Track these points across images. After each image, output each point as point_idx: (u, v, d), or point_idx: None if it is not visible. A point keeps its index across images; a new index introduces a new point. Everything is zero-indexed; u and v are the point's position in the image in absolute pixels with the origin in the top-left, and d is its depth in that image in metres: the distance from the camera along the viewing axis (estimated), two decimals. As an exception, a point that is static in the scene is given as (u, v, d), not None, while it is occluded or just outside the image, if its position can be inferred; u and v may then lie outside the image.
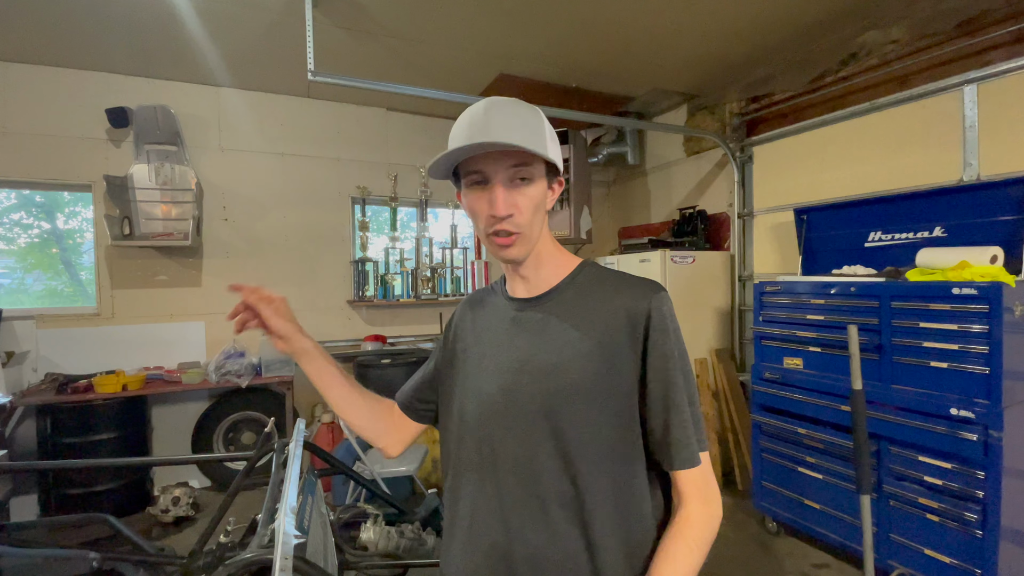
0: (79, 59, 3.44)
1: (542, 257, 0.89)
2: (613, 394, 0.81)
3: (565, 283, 0.89)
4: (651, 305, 0.82)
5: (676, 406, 0.80)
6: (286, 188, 4.18)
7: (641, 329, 0.81)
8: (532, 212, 0.82)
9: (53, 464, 2.68)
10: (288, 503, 1.11)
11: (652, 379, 0.81)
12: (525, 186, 0.81)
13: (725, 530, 3.08)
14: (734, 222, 3.97)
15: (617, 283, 0.86)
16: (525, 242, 0.83)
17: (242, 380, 3.46)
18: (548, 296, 0.88)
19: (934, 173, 2.82)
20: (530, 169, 0.81)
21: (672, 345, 0.82)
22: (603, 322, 0.82)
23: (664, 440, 0.81)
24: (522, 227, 0.81)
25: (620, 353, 0.81)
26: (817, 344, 2.72)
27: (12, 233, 3.78)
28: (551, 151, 0.82)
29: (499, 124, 0.77)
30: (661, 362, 0.81)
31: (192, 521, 3.23)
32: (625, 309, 0.82)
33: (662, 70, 3.73)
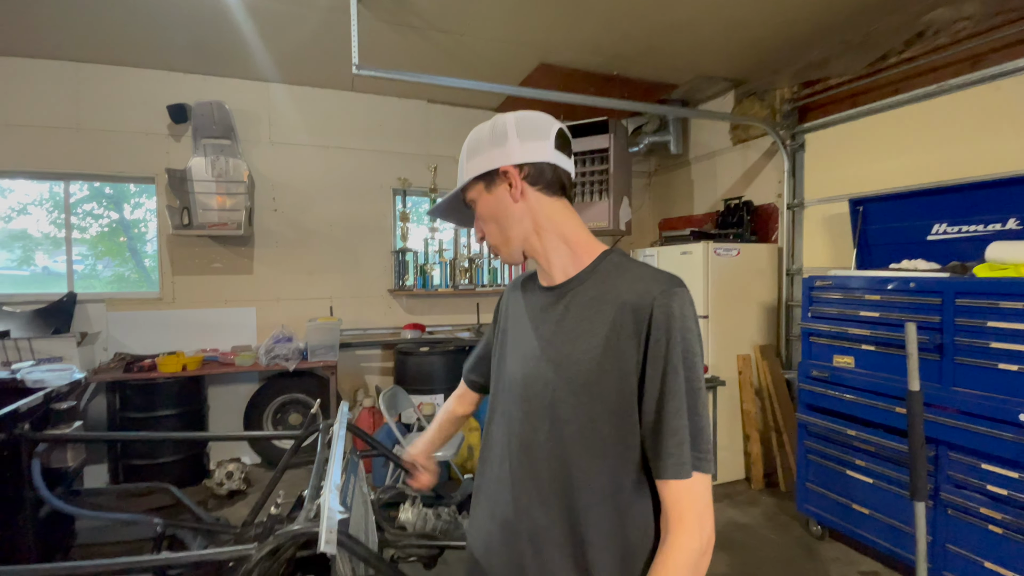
0: (143, 58, 3.65)
1: (549, 248, 0.90)
2: (614, 392, 0.79)
3: (585, 273, 0.87)
4: (655, 303, 0.77)
5: (669, 413, 0.76)
6: (331, 180, 4.31)
7: (643, 326, 0.77)
8: (490, 225, 0.92)
9: (123, 436, 2.90)
10: (333, 480, 1.16)
11: (648, 382, 0.77)
12: (475, 210, 0.94)
13: (767, 531, 3.00)
14: (783, 213, 3.82)
15: (632, 275, 0.83)
16: (502, 249, 0.94)
17: (290, 364, 3.62)
18: (567, 286, 0.88)
19: (1009, 160, 2.61)
20: (468, 196, 0.94)
21: (674, 346, 0.76)
22: (612, 317, 0.80)
23: (654, 445, 0.77)
24: (492, 242, 0.94)
25: (624, 350, 0.78)
26: (871, 342, 2.59)
27: (85, 223, 4.07)
28: (467, 171, 0.90)
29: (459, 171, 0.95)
30: (659, 365, 0.77)
31: (243, 495, 3.42)
32: (632, 303, 0.79)
33: (708, 55, 3.60)
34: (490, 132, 0.90)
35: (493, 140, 0.89)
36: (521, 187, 0.87)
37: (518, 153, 0.87)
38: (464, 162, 0.92)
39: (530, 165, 0.87)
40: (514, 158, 0.87)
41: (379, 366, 4.49)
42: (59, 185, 3.87)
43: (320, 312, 4.22)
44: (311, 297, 4.27)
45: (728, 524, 3.06)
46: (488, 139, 0.89)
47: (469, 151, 0.91)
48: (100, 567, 1.20)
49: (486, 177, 0.89)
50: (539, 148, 0.87)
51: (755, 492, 3.52)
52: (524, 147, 0.87)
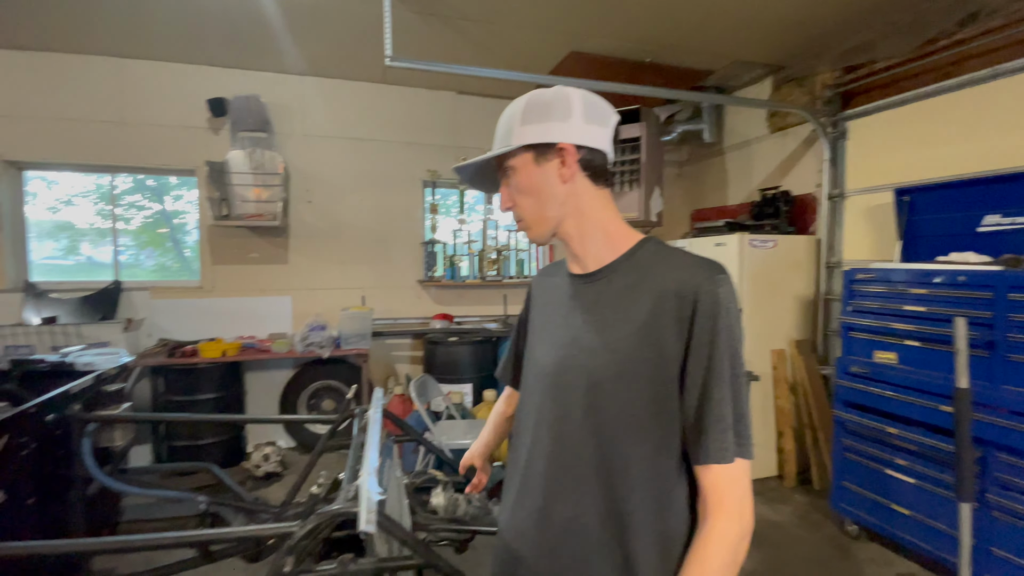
0: (184, 54, 3.76)
1: (586, 234, 0.87)
2: (654, 378, 0.78)
3: (620, 260, 0.86)
4: (701, 287, 0.76)
5: (715, 400, 0.76)
6: (362, 172, 4.37)
7: (688, 312, 0.77)
8: (524, 198, 0.87)
9: (169, 417, 3.03)
10: (371, 463, 1.19)
11: (692, 366, 0.77)
12: (511, 179, 0.88)
13: (800, 530, 2.94)
14: (822, 204, 3.69)
15: (673, 262, 0.82)
16: (531, 227, 0.89)
17: (323, 351, 3.72)
18: (601, 274, 0.87)
19: (1070, 148, 2.46)
20: (509, 162, 0.87)
21: (720, 332, 0.76)
22: (652, 303, 0.79)
23: (696, 430, 0.77)
24: (521, 215, 0.89)
25: (666, 337, 0.77)
26: (915, 338, 2.50)
27: (128, 214, 4.24)
28: (520, 136, 0.84)
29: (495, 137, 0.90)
30: (704, 351, 0.76)
31: (279, 477, 3.54)
32: (674, 291, 0.78)
33: (745, 40, 3.49)
34: (552, 102, 0.84)
35: (555, 112, 0.83)
36: (573, 169, 0.84)
37: (579, 133, 0.83)
38: (515, 125, 0.85)
39: (587, 149, 0.84)
40: (574, 137, 0.83)
41: (409, 355, 4.56)
42: (104, 177, 4.04)
43: (352, 302, 4.30)
44: (344, 287, 4.35)
45: (759, 521, 2.97)
46: (549, 109, 0.84)
47: (525, 115, 0.84)
48: (149, 540, 1.27)
49: (539, 148, 0.84)
50: (599, 134, 0.85)
51: (787, 489, 3.45)
52: (586, 129, 0.83)
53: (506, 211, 0.91)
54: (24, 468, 1.84)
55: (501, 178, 0.92)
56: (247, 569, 2.39)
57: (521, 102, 0.86)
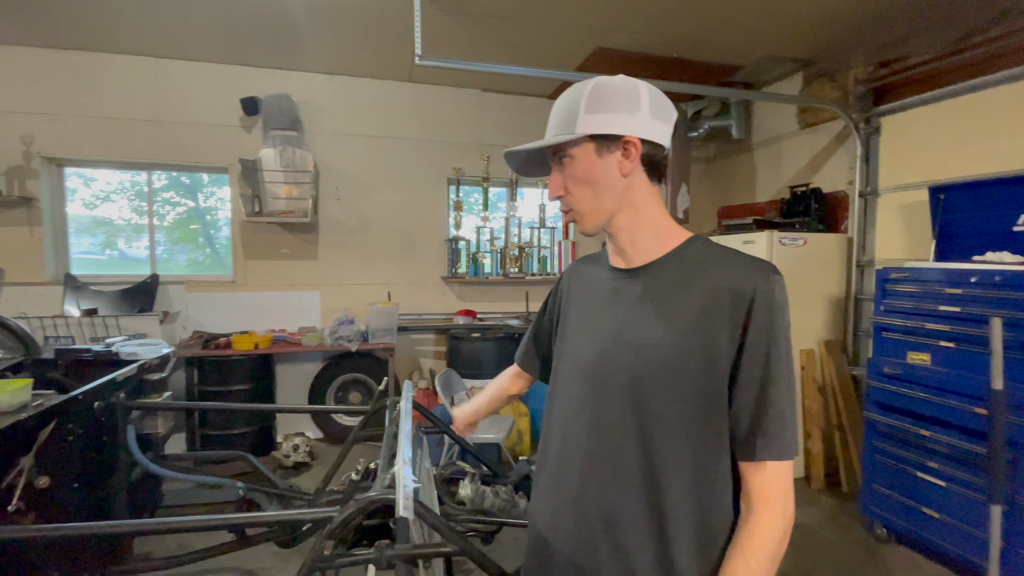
0: (217, 53, 3.87)
1: (636, 228, 0.87)
2: (703, 374, 0.79)
3: (668, 257, 0.86)
4: (758, 287, 0.77)
5: (775, 397, 0.76)
6: (389, 169, 4.44)
7: (744, 312, 0.77)
8: (580, 187, 0.85)
9: (209, 405, 3.15)
10: (405, 453, 1.23)
11: (748, 364, 0.77)
12: (566, 167, 0.86)
13: (828, 532, 2.90)
14: (854, 201, 3.62)
15: (726, 261, 0.82)
16: (582, 217, 0.88)
17: (352, 345, 3.80)
18: (647, 269, 0.86)
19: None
20: (565, 151, 0.85)
21: (778, 332, 0.77)
22: (704, 300, 0.79)
23: (753, 428, 0.77)
24: (572, 204, 0.87)
25: (717, 334, 0.78)
26: (949, 339, 2.44)
27: (163, 210, 4.38)
28: (584, 124, 0.81)
29: (548, 124, 0.88)
30: (762, 347, 0.76)
31: (308, 467, 3.63)
32: (730, 289, 0.78)
33: (775, 34, 3.44)
34: (621, 92, 0.82)
35: (624, 103, 0.81)
36: (636, 163, 0.83)
37: (646, 127, 0.82)
38: (579, 112, 0.82)
39: (650, 144, 0.83)
40: (641, 131, 0.82)
41: (432, 350, 4.62)
42: (140, 174, 4.17)
43: (378, 297, 4.38)
44: (370, 282, 4.43)
45: (785, 521, 2.97)
46: (617, 99, 0.81)
47: (590, 103, 0.82)
48: (197, 523, 1.33)
49: (602, 139, 0.82)
50: (663, 131, 0.84)
51: (815, 492, 3.41)
52: (652, 124, 0.82)
53: (556, 199, 0.90)
54: (70, 453, 1.92)
55: (554, 164, 0.89)
56: (279, 554, 2.47)
57: (585, 88, 0.83)
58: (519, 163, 0.94)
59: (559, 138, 0.84)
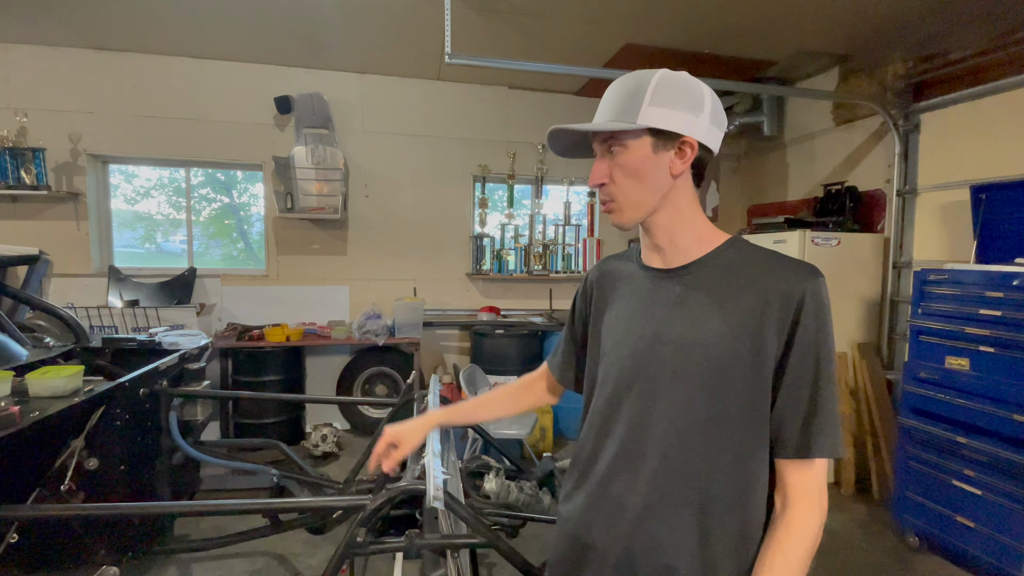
0: (252, 53, 3.97)
1: (677, 227, 0.86)
2: (749, 374, 0.79)
3: (709, 257, 0.85)
4: (807, 289, 0.78)
5: (825, 397, 0.78)
6: (417, 167, 4.50)
7: (792, 313, 0.78)
8: (628, 179, 0.83)
9: (247, 395, 3.28)
10: (434, 445, 1.26)
11: (798, 364, 0.78)
12: (617, 156, 0.83)
13: (858, 539, 2.84)
14: (891, 201, 3.51)
15: (771, 263, 0.82)
16: (623, 209, 0.86)
17: (379, 338, 3.88)
18: (688, 269, 0.86)
19: None
20: (620, 139, 0.82)
21: (826, 335, 0.78)
22: (751, 301, 0.79)
23: (806, 426, 0.78)
24: (614, 195, 0.85)
25: (765, 335, 0.78)
26: (990, 343, 2.36)
27: (199, 206, 4.53)
28: (646, 115, 0.79)
29: (602, 106, 0.85)
30: (811, 348, 0.78)
31: (335, 457, 3.72)
32: (778, 291, 0.78)
33: (809, 29, 3.35)
34: (686, 90, 0.81)
35: (688, 102, 0.81)
36: (687, 165, 0.83)
37: (704, 131, 0.82)
38: (643, 102, 0.80)
39: (704, 148, 0.83)
40: (700, 134, 0.81)
41: (456, 345, 4.67)
42: (178, 171, 4.33)
43: (405, 292, 4.45)
44: (397, 278, 4.51)
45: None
46: (683, 97, 0.80)
47: (655, 95, 0.80)
48: (238, 506, 1.39)
49: (662, 135, 0.81)
50: (717, 138, 0.85)
51: (845, 498, 3.33)
52: (710, 130, 0.83)
53: (597, 186, 0.87)
54: (117, 437, 2.02)
55: (601, 150, 0.86)
56: (309, 541, 2.55)
57: (652, 79, 0.81)
58: (564, 144, 0.91)
59: (618, 124, 0.81)
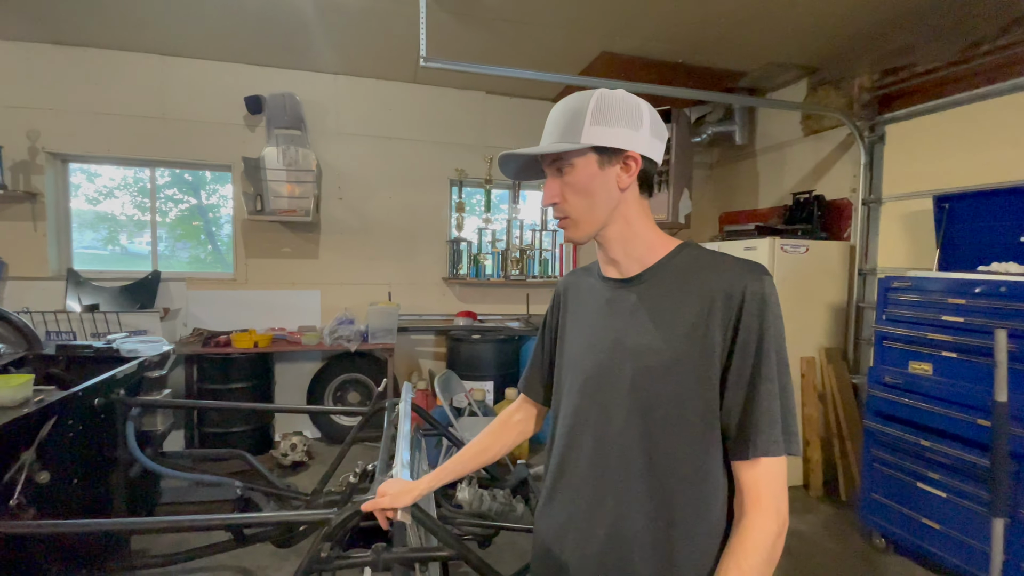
0: (223, 52, 3.87)
1: (629, 239, 0.88)
2: (702, 378, 0.80)
3: (660, 264, 0.87)
4: (747, 287, 0.79)
5: (763, 394, 0.77)
6: (391, 170, 4.44)
7: (734, 312, 0.79)
8: (578, 197, 0.86)
9: (209, 404, 3.14)
10: (403, 455, 1.22)
11: (739, 362, 0.78)
12: (566, 175, 0.86)
13: (826, 541, 2.89)
14: (857, 209, 3.61)
15: (716, 265, 0.84)
16: (576, 225, 0.88)
17: (351, 345, 3.80)
18: (641, 278, 0.88)
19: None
20: (567, 160, 0.85)
21: (767, 330, 0.78)
22: (698, 304, 0.81)
23: (744, 425, 0.78)
24: (568, 212, 0.87)
25: (711, 336, 0.79)
26: (952, 349, 2.43)
27: (165, 207, 4.39)
28: (589, 135, 0.82)
29: (547, 130, 0.88)
30: (752, 347, 0.78)
31: (305, 467, 3.62)
32: (720, 291, 0.80)
33: (780, 41, 3.44)
34: (624, 107, 0.84)
35: (627, 119, 0.83)
36: (633, 178, 0.86)
37: (646, 144, 0.85)
38: (584, 122, 0.83)
39: (648, 160, 0.86)
40: (642, 147, 0.84)
41: (432, 351, 4.62)
42: (143, 171, 4.18)
43: (379, 297, 4.38)
44: (371, 282, 4.43)
45: (783, 529, 2.96)
46: (621, 114, 0.83)
47: (595, 115, 0.83)
48: (196, 522, 1.33)
49: (605, 151, 0.84)
50: (658, 148, 0.87)
51: (813, 500, 3.39)
52: (651, 141, 0.85)
53: (550, 206, 0.90)
54: (71, 449, 1.92)
55: (551, 171, 0.89)
56: (276, 554, 2.46)
57: (590, 100, 0.84)
58: (515, 167, 0.94)
59: (563, 146, 0.84)
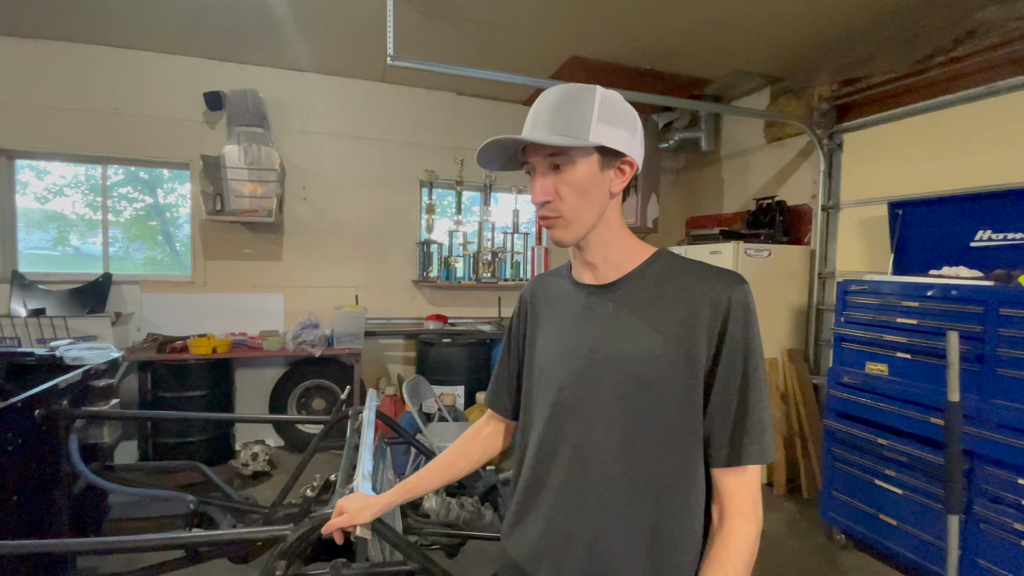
0: (180, 46, 3.72)
1: (610, 244, 0.86)
2: (686, 385, 0.79)
3: (638, 271, 0.86)
4: (732, 297, 0.79)
5: (753, 402, 0.78)
6: (360, 170, 4.35)
7: (719, 321, 0.79)
8: (575, 197, 0.81)
9: (159, 414, 2.98)
10: (365, 467, 1.18)
11: (727, 370, 0.79)
12: (564, 172, 0.80)
13: (789, 538, 2.96)
14: (817, 215, 3.73)
15: (697, 273, 0.83)
16: (568, 226, 0.83)
17: (315, 350, 3.69)
18: (620, 284, 0.86)
19: (1061, 166, 2.51)
20: (569, 155, 0.80)
21: (752, 340, 0.79)
22: (681, 312, 0.80)
23: (736, 433, 0.78)
24: (562, 211, 0.82)
25: (696, 344, 0.79)
26: (906, 350, 2.52)
27: (120, 206, 4.18)
28: (597, 133, 0.78)
29: (541, 118, 0.80)
30: (739, 355, 0.78)
31: (268, 476, 3.50)
32: (706, 300, 0.79)
33: (744, 51, 3.52)
34: (624, 109, 0.82)
35: (627, 122, 0.82)
36: (624, 184, 0.85)
37: (639, 151, 0.85)
38: (591, 119, 0.78)
39: (637, 167, 0.85)
40: (636, 154, 0.84)
41: (402, 355, 4.53)
42: (95, 168, 3.98)
43: (346, 300, 4.28)
44: (337, 285, 4.32)
45: (749, 528, 3.01)
46: (623, 117, 0.81)
47: (602, 112, 0.79)
48: (139, 542, 1.24)
49: (607, 153, 0.81)
50: (641, 158, 0.87)
51: (777, 498, 3.47)
52: (641, 149, 0.86)
53: (541, 203, 0.82)
54: (8, 465, 1.80)
55: (542, 164, 0.82)
56: (234, 570, 2.36)
57: (594, 95, 0.79)
58: (492, 155, 0.85)
59: (569, 140, 0.78)
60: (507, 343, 1.06)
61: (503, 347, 1.07)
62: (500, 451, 1.10)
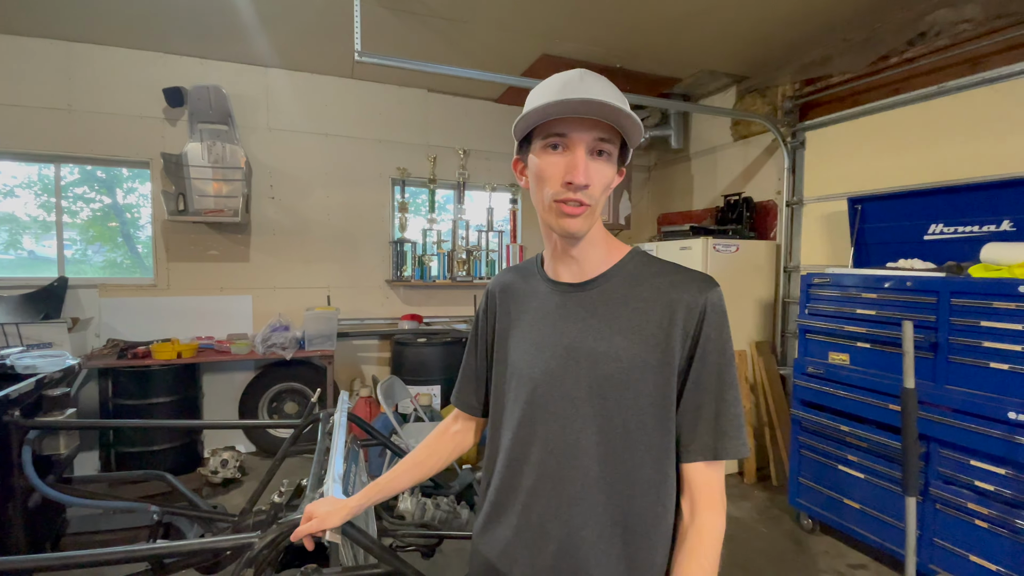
0: (138, 39, 3.58)
1: (596, 243, 0.87)
2: (661, 384, 0.80)
3: (614, 270, 0.86)
4: (708, 299, 0.81)
5: (729, 401, 0.81)
6: (329, 168, 4.27)
7: (695, 323, 0.81)
8: (601, 189, 0.80)
9: (118, 423, 2.87)
10: (335, 470, 1.16)
11: (702, 370, 0.80)
12: (604, 161, 0.79)
13: (759, 525, 3.04)
14: (782, 211, 3.83)
15: (671, 275, 0.84)
16: (591, 217, 0.81)
17: (286, 352, 3.61)
18: (596, 283, 0.86)
19: (1005, 163, 2.64)
20: (610, 145, 0.78)
21: (726, 341, 0.82)
22: (657, 312, 0.81)
23: (713, 430, 0.80)
24: (593, 200, 0.79)
25: (672, 344, 0.80)
26: (866, 340, 2.62)
27: (76, 207, 4.00)
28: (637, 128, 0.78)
29: (598, 90, 0.75)
30: (714, 356, 0.80)
31: (238, 483, 3.41)
32: (682, 301, 0.81)
33: (711, 50, 3.60)
34: None
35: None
36: (619, 182, 0.86)
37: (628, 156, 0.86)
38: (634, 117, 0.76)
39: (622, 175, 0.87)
40: (626, 159, 0.86)
41: (376, 356, 4.48)
42: (48, 168, 3.80)
43: (317, 301, 4.19)
44: (308, 286, 4.24)
45: (720, 517, 3.09)
46: None
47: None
48: (97, 556, 1.20)
49: (624, 149, 0.83)
50: None
51: (747, 486, 3.56)
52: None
53: (584, 184, 0.76)
54: (-44, 479, 1.71)
55: (591, 145, 0.77)
56: (203, 580, 2.29)
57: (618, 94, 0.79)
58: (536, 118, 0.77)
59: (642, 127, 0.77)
60: (473, 340, 1.04)
61: (469, 344, 1.05)
62: (471, 446, 1.10)
